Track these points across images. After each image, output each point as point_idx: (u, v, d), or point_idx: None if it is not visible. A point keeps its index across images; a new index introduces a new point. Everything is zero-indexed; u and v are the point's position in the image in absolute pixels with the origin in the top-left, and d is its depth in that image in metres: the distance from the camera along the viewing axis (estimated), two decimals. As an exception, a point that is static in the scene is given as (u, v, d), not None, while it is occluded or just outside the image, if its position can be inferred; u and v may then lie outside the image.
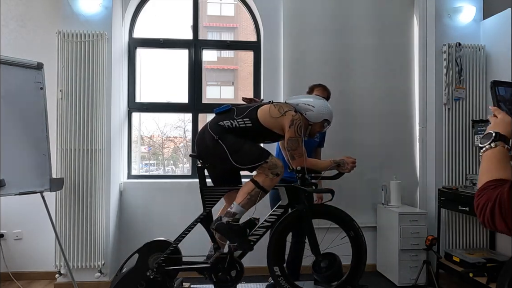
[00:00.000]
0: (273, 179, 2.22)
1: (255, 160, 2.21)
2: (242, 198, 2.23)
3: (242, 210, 2.24)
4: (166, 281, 2.37)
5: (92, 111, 3.17)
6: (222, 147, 2.22)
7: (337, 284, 2.35)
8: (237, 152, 2.21)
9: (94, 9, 3.24)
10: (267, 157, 2.21)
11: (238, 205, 2.23)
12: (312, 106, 2.31)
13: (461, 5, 3.55)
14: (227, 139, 2.24)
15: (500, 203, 0.73)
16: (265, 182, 2.22)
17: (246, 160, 2.22)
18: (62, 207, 3.13)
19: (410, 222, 3.26)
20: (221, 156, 2.23)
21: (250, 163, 2.22)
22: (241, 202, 2.23)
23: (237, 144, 2.23)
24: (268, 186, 2.24)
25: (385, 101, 3.71)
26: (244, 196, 2.22)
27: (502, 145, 0.85)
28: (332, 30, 3.64)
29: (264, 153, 2.23)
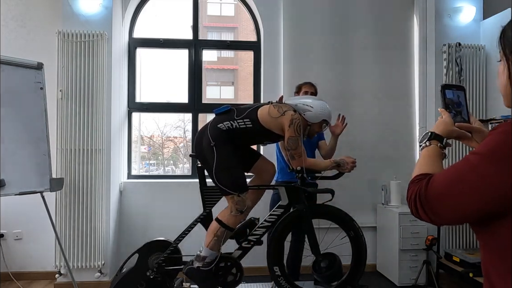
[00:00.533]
0: (236, 216, 2.22)
1: (231, 187, 2.20)
2: (209, 239, 2.23)
3: (211, 252, 2.24)
4: (166, 281, 2.37)
5: (92, 111, 3.17)
6: (213, 155, 2.22)
7: (337, 284, 2.35)
8: (222, 169, 2.21)
9: (94, 9, 3.24)
10: (242, 192, 2.21)
11: (206, 248, 2.24)
12: (311, 107, 2.32)
13: (461, 5, 3.55)
14: (222, 150, 2.22)
15: (419, 196, 0.79)
16: (229, 219, 2.23)
17: (224, 181, 2.21)
18: (62, 207, 3.13)
19: (410, 222, 3.26)
20: (208, 161, 2.24)
21: (225, 186, 2.21)
22: (209, 244, 2.23)
23: (227, 162, 2.22)
24: (233, 224, 2.24)
25: (385, 101, 3.71)
26: (211, 237, 2.23)
27: (435, 143, 0.94)
28: (332, 30, 3.65)
29: (243, 187, 2.23)
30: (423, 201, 0.79)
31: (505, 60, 0.80)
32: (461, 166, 0.76)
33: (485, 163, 0.71)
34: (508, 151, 0.68)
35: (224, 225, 2.22)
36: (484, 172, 0.71)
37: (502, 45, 0.80)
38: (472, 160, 0.73)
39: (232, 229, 2.25)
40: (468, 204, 0.73)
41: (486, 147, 0.72)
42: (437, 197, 0.77)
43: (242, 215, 2.24)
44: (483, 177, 0.70)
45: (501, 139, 0.70)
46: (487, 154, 0.71)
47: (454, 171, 0.76)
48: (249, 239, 2.37)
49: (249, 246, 2.38)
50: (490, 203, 0.70)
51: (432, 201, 0.77)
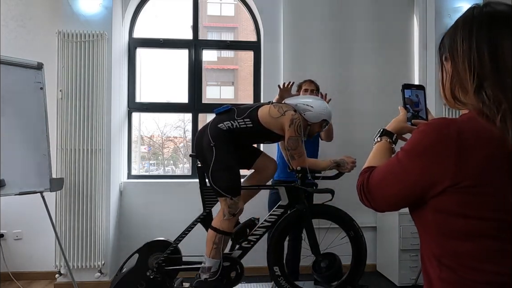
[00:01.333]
0: (230, 220, 2.23)
1: (225, 190, 2.21)
2: (209, 249, 2.24)
3: (215, 261, 2.25)
4: (166, 281, 2.37)
5: (92, 111, 3.17)
6: (212, 155, 2.22)
7: (337, 284, 2.36)
8: (218, 170, 2.22)
9: (94, 9, 3.24)
10: (235, 195, 2.22)
11: (208, 258, 2.25)
12: (311, 107, 2.32)
13: (461, 5, 3.55)
14: (220, 152, 2.23)
15: (363, 186, 0.91)
16: (223, 224, 2.23)
17: (218, 183, 2.22)
18: (62, 207, 3.13)
19: (410, 222, 3.25)
20: (206, 160, 2.25)
21: (219, 187, 2.22)
22: (210, 254, 2.24)
23: (224, 164, 2.22)
24: (228, 228, 2.24)
25: (385, 101, 3.70)
26: (210, 246, 2.24)
27: (385, 139, 1.05)
28: (332, 31, 3.65)
29: (236, 191, 2.23)
30: (366, 190, 0.90)
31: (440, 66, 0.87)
32: (392, 160, 0.86)
33: (406, 158, 0.81)
34: (422, 148, 0.78)
35: (220, 231, 2.23)
36: (406, 165, 0.81)
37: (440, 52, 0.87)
38: (399, 155, 0.83)
39: (228, 233, 2.26)
40: (396, 193, 0.84)
41: (408, 145, 0.82)
42: (374, 187, 0.88)
43: (234, 217, 2.24)
44: (405, 170, 0.81)
45: (418, 138, 0.80)
46: (408, 150, 0.81)
47: (387, 165, 0.87)
48: (249, 239, 2.37)
49: (249, 246, 2.38)
50: (410, 193, 0.81)
51: (371, 190, 0.88)
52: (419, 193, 0.79)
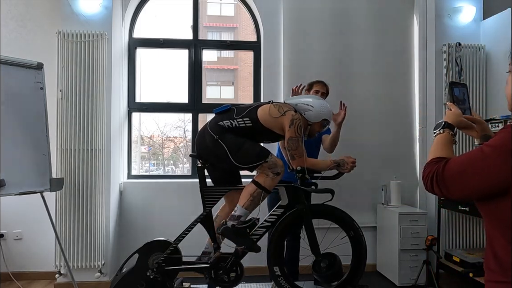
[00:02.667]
0: (274, 178, 2.23)
1: (255, 160, 2.21)
2: (245, 199, 2.23)
3: (246, 212, 2.25)
4: (166, 281, 2.36)
5: (92, 111, 3.17)
6: (222, 147, 2.22)
7: (337, 284, 2.35)
8: (237, 152, 2.22)
9: (94, 9, 3.24)
10: (267, 156, 2.21)
11: (241, 207, 2.24)
12: (311, 106, 2.31)
13: (461, 5, 3.55)
14: (227, 139, 2.24)
15: (437, 176, 0.98)
16: (266, 182, 2.23)
17: (246, 160, 2.23)
18: (62, 207, 3.13)
19: (410, 222, 3.26)
20: (221, 155, 2.24)
21: (250, 162, 2.22)
22: (245, 204, 2.23)
23: (237, 143, 2.23)
24: (270, 186, 2.24)
25: (385, 101, 3.71)
26: (247, 197, 2.23)
27: (448, 131, 1.12)
28: (332, 30, 3.65)
29: (264, 152, 2.23)
30: (440, 179, 0.98)
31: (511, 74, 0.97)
32: (474, 153, 0.93)
33: (494, 154, 0.89)
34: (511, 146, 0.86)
35: (262, 186, 2.22)
36: (492, 161, 0.89)
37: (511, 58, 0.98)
38: (485, 150, 0.91)
39: (268, 191, 2.25)
40: (475, 185, 0.93)
41: (497, 141, 0.90)
42: (451, 177, 0.96)
43: (279, 176, 2.24)
44: (491, 164, 0.89)
45: (508, 137, 0.88)
46: (497, 146, 0.89)
47: (469, 157, 0.94)
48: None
49: (249, 246, 2.38)
50: (493, 185, 0.90)
51: (447, 179, 0.97)
52: (503, 187, 0.88)
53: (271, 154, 2.25)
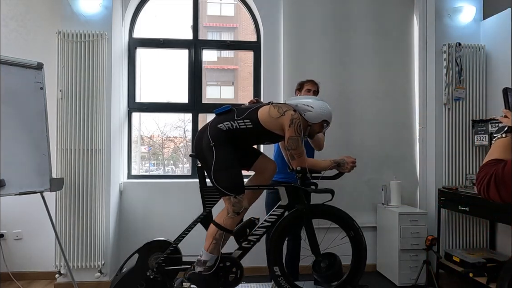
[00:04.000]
0: (233, 218, 2.23)
1: (229, 189, 2.20)
2: (208, 243, 2.24)
3: (211, 256, 2.25)
4: (166, 281, 2.36)
5: (92, 111, 3.17)
6: (212, 156, 2.22)
7: (337, 284, 2.35)
8: (220, 170, 2.21)
9: (94, 9, 3.24)
10: (239, 194, 2.21)
11: (206, 252, 2.25)
12: (311, 107, 2.31)
13: (461, 5, 3.55)
14: (220, 152, 2.22)
15: (496, 177, 0.96)
16: (226, 221, 2.23)
17: (222, 182, 2.22)
18: (62, 207, 3.13)
19: (410, 222, 3.26)
20: (207, 161, 2.25)
21: (222, 187, 2.21)
22: (209, 248, 2.24)
23: (225, 163, 2.22)
24: (230, 225, 2.24)
25: (385, 101, 3.71)
26: (210, 240, 2.24)
27: (510, 136, 1.12)
28: (332, 30, 3.65)
29: (240, 189, 2.23)
30: (499, 180, 0.96)
31: None
32: None
33: None
34: None
35: (222, 227, 2.23)
36: None
37: None
38: None
39: (230, 231, 2.25)
40: None
41: None
42: None
43: (239, 216, 2.24)
44: None
45: None
46: None
47: None
48: (249, 239, 2.37)
49: (249, 246, 2.38)
50: None
51: (508, 180, 0.95)
52: None
53: (243, 194, 2.24)
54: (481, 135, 3.33)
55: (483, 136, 3.31)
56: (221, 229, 2.22)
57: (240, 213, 2.23)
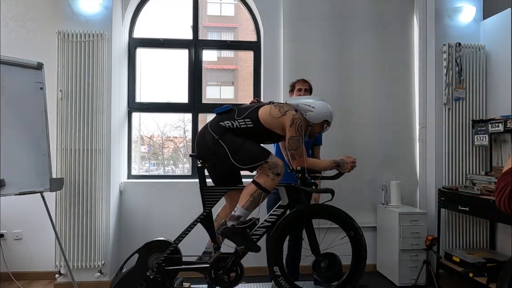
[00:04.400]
0: (274, 179, 2.23)
1: (255, 160, 2.21)
2: (245, 200, 2.23)
3: (246, 212, 2.25)
4: (166, 281, 2.36)
5: (92, 111, 3.17)
6: (222, 147, 2.22)
7: (337, 284, 2.35)
8: (237, 152, 2.22)
9: (94, 9, 3.24)
10: (267, 157, 2.21)
11: (241, 207, 2.24)
12: (312, 107, 2.31)
13: (461, 5, 3.55)
14: (227, 139, 2.24)
15: None
16: (267, 182, 2.23)
17: (246, 160, 2.22)
18: (62, 207, 3.13)
19: (410, 222, 3.26)
20: (221, 155, 2.24)
21: (250, 162, 2.22)
22: (245, 205, 2.23)
23: (237, 144, 2.23)
24: (270, 186, 2.24)
25: (385, 101, 3.71)
26: (247, 198, 2.23)
27: None
28: (332, 30, 3.65)
29: (264, 153, 2.23)
30: None
31: None
32: None
33: None
34: None
35: (262, 187, 2.22)
36: None
37: None
38: None
39: (268, 191, 2.25)
40: None
41: None
42: None
43: (279, 177, 2.23)
44: None
45: None
46: None
47: None
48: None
49: (249, 246, 2.38)
50: None
51: None
52: None
53: (271, 154, 2.25)
54: (481, 135, 3.33)
55: (483, 136, 3.31)
56: (261, 188, 2.22)
57: (279, 173, 2.22)
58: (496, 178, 3.11)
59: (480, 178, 3.27)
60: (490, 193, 2.90)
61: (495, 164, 3.39)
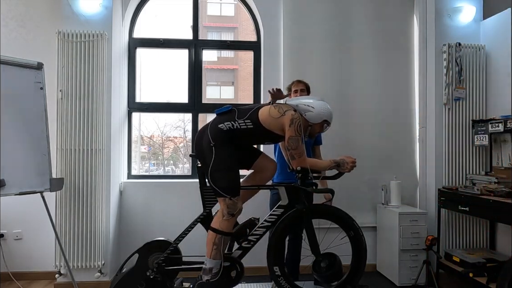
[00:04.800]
0: (229, 220, 2.24)
1: (224, 189, 2.21)
2: (210, 250, 2.24)
3: (215, 262, 2.26)
4: (166, 281, 2.36)
5: (92, 111, 3.17)
6: (211, 156, 2.23)
7: (337, 284, 2.35)
8: (218, 170, 2.22)
9: (94, 9, 3.24)
10: (234, 196, 2.22)
11: (209, 259, 2.25)
12: (312, 107, 2.31)
13: (461, 5, 3.55)
14: (220, 152, 2.23)
15: None
16: (222, 224, 2.24)
17: (218, 182, 2.22)
18: (62, 207, 3.13)
19: (410, 222, 3.26)
20: (206, 161, 2.25)
21: (218, 187, 2.22)
22: (211, 255, 2.24)
23: (223, 164, 2.22)
24: (227, 228, 2.25)
25: (385, 101, 3.72)
26: (210, 247, 2.24)
27: None
28: (332, 30, 3.65)
29: (235, 191, 2.23)
30: None
31: None
32: None
33: None
34: None
35: (219, 231, 2.23)
36: None
37: None
38: None
39: (228, 233, 2.26)
40: None
41: None
42: None
43: (233, 218, 2.25)
44: None
45: None
46: None
47: None
48: (249, 239, 2.37)
49: (249, 246, 2.38)
50: None
51: None
52: None
53: (239, 196, 2.25)
54: (481, 135, 3.33)
55: (483, 136, 3.31)
56: (219, 233, 2.23)
57: (234, 214, 2.23)
58: (496, 178, 3.11)
59: (480, 178, 3.27)
60: (490, 193, 2.90)
61: (495, 164, 3.39)
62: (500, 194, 2.83)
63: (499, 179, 3.09)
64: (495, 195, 2.85)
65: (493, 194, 2.87)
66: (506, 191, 2.84)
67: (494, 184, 3.06)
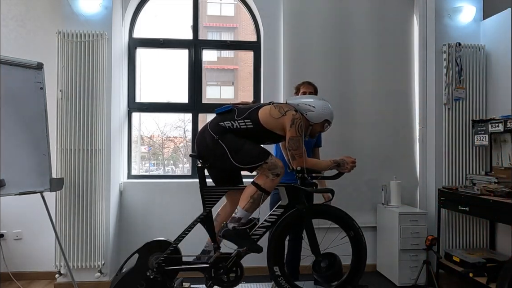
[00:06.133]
0: (274, 180, 2.23)
1: (255, 160, 2.21)
2: (245, 202, 2.23)
3: (246, 214, 2.25)
4: (166, 281, 2.36)
5: (92, 111, 3.17)
6: (222, 147, 2.23)
7: (337, 284, 2.35)
8: (237, 152, 2.22)
9: (94, 9, 3.24)
10: (266, 157, 2.21)
11: (242, 209, 2.24)
12: (313, 107, 2.31)
13: (461, 5, 3.55)
14: (227, 139, 2.24)
15: None
16: (266, 183, 2.23)
17: (245, 160, 2.23)
18: (62, 207, 3.13)
19: (410, 222, 3.26)
20: (221, 155, 2.24)
21: (249, 163, 2.22)
22: (245, 206, 2.23)
23: (237, 144, 2.23)
24: (270, 188, 2.24)
25: (385, 101, 3.71)
26: (247, 199, 2.23)
27: None
28: (332, 30, 3.65)
29: (264, 153, 2.23)
30: None
31: None
32: None
33: None
34: None
35: (261, 188, 2.22)
36: None
37: None
38: None
39: (268, 192, 2.25)
40: None
41: None
42: None
43: (278, 178, 2.24)
44: None
45: None
46: None
47: None
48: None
49: (249, 246, 2.38)
50: None
51: None
52: None
53: (271, 154, 2.25)
54: (481, 135, 3.33)
55: (483, 136, 3.31)
56: (260, 189, 2.22)
57: (279, 174, 2.22)
58: (496, 178, 3.11)
59: (480, 178, 3.27)
60: (490, 193, 2.90)
61: (495, 164, 3.39)
62: (500, 194, 2.83)
63: (499, 179, 3.09)
64: (495, 195, 2.85)
65: (493, 194, 2.87)
66: (506, 191, 2.84)
67: (494, 184, 3.06)
